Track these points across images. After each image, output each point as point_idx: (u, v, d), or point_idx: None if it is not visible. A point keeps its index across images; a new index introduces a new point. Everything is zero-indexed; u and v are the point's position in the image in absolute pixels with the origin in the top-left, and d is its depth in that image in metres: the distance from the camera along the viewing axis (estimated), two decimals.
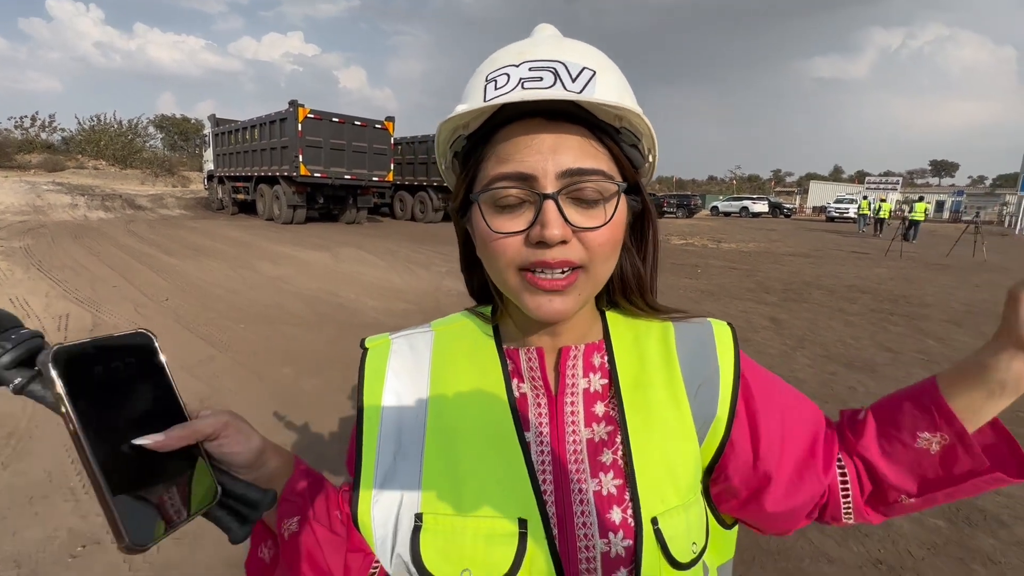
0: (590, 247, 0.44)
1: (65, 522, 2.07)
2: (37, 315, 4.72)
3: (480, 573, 0.44)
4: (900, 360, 4.45)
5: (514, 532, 0.45)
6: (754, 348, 4.69)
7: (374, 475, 0.49)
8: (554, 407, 0.51)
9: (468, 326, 0.57)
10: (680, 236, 16.97)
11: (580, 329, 0.53)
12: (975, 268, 10.85)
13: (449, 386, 0.52)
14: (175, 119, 43.92)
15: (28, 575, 1.79)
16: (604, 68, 0.45)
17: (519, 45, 0.46)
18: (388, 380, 0.53)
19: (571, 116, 0.44)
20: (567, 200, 0.43)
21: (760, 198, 37.53)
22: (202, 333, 4.45)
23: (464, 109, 0.44)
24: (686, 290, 7.29)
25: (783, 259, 11.57)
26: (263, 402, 3.21)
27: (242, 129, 15.46)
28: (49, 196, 15.93)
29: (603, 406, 0.51)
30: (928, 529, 2.23)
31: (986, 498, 2.46)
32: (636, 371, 0.52)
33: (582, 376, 0.52)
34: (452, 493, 0.47)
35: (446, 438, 0.49)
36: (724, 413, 0.50)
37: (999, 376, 0.43)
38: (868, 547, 2.11)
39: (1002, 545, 2.14)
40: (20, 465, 2.44)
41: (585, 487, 0.48)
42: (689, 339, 0.54)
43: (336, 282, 6.87)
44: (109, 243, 9.53)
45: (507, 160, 0.44)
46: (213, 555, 1.94)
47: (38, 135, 29.83)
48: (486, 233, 0.45)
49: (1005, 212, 32.76)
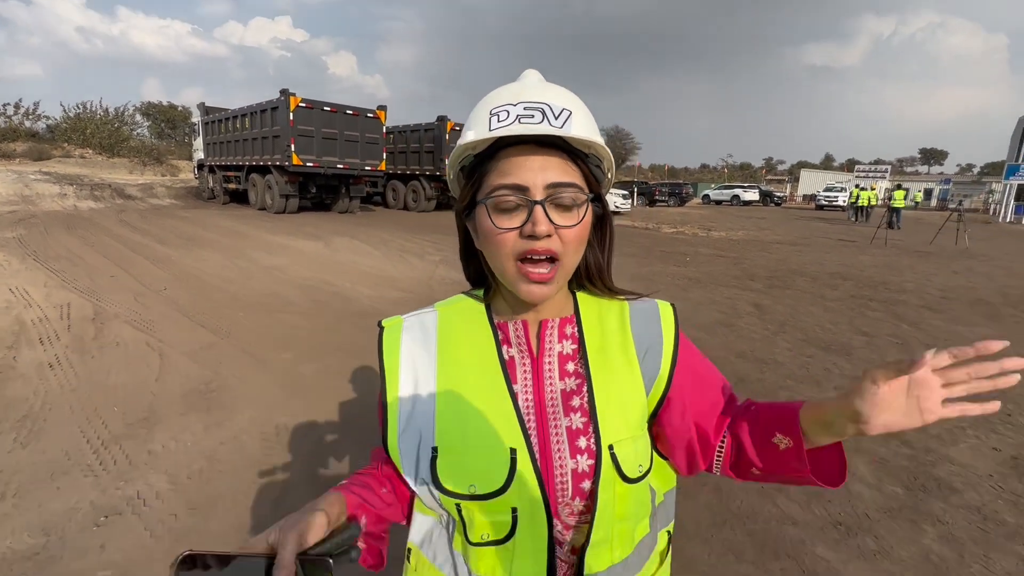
0: (565, 241, 0.59)
1: (86, 496, 2.21)
2: (39, 304, 4.81)
3: (483, 487, 0.59)
4: (874, 343, 4.67)
5: (507, 458, 0.60)
6: (737, 333, 4.88)
7: (399, 420, 0.64)
8: (536, 366, 0.66)
9: (466, 305, 0.71)
10: (671, 225, 17.15)
11: (556, 306, 0.68)
12: (956, 256, 11.13)
13: (453, 352, 0.66)
14: (162, 106, 43.13)
15: (56, 542, 1.94)
16: (577, 109, 0.60)
17: (514, 87, 0.62)
18: (403, 349, 0.67)
19: (553, 144, 0.60)
20: (551, 205, 0.58)
21: (751, 186, 37.78)
22: (202, 321, 4.57)
23: (474, 137, 0.60)
24: (674, 278, 7.47)
25: (770, 247, 11.79)
26: (266, 386, 3.35)
27: (233, 118, 15.35)
28: (37, 186, 15.78)
29: (573, 365, 0.67)
30: (887, 495, 2.43)
31: (943, 468, 2.67)
32: (599, 339, 0.68)
33: (557, 342, 0.67)
34: (459, 431, 0.62)
35: (452, 391, 0.64)
36: (665, 372, 0.67)
37: (835, 429, 0.58)
38: (830, 511, 2.31)
39: (951, 508, 2.34)
40: (38, 445, 2.57)
41: (559, 423, 0.63)
42: (640, 315, 0.70)
43: (331, 271, 6.98)
44: (102, 233, 9.54)
45: (507, 174, 0.59)
46: (224, 522, 2.10)
47: (22, 123, 29.26)
48: (490, 228, 0.59)
49: (991, 200, 33.23)
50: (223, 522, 2.10)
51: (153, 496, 2.23)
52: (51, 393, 3.12)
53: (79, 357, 3.67)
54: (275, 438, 2.75)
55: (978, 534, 2.17)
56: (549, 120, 0.58)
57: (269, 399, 3.17)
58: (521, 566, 0.61)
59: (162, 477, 2.37)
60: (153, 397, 3.12)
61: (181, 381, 3.35)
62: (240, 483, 2.35)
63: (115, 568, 1.83)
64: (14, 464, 2.40)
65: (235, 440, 2.71)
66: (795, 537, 2.12)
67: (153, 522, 2.07)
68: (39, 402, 2.99)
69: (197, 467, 2.46)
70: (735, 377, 3.78)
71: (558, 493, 0.62)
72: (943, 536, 2.15)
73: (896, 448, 2.86)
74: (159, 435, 2.71)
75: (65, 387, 3.20)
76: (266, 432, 2.80)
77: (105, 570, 1.81)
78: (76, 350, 3.79)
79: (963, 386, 0.51)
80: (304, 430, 2.84)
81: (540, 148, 0.59)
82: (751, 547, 2.06)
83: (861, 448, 2.84)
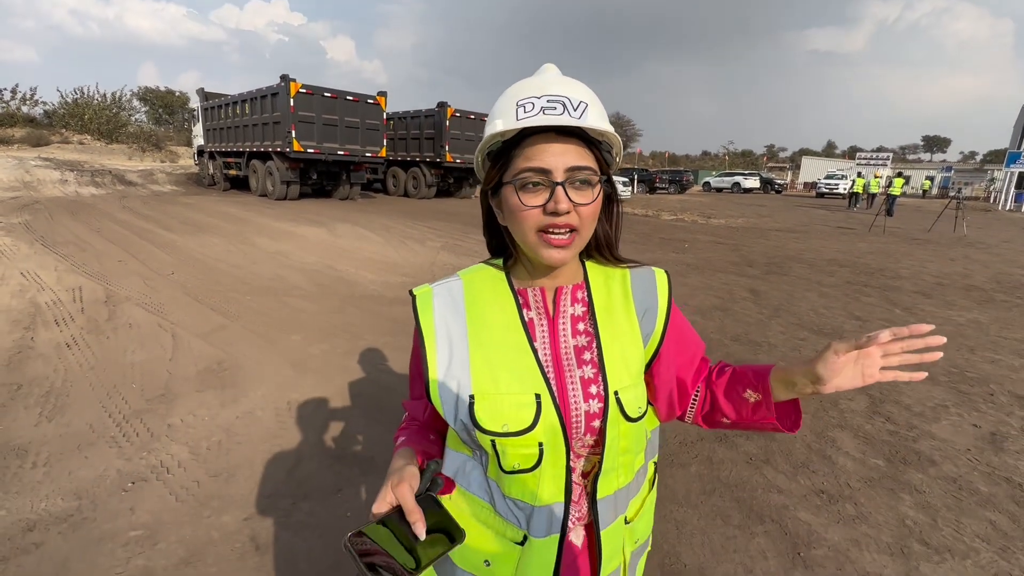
0: (582, 216, 0.69)
1: (113, 464, 2.34)
2: (51, 288, 4.92)
3: (514, 425, 0.71)
4: (867, 327, 4.79)
5: (532, 401, 0.71)
6: (733, 317, 5.00)
7: (437, 371, 0.75)
8: (552, 326, 0.77)
9: (488, 273, 0.81)
10: (671, 212, 17.19)
11: (569, 275, 0.78)
12: (953, 243, 11.22)
13: (480, 314, 0.76)
14: (159, 92, 42.73)
15: (88, 505, 2.07)
16: (592, 102, 0.69)
17: (537, 80, 0.72)
18: (436, 312, 0.78)
19: (572, 132, 0.69)
20: (569, 186, 0.67)
21: (752, 174, 37.65)
22: (211, 304, 4.69)
23: (503, 127, 0.69)
24: (672, 264, 7.58)
25: (769, 234, 11.87)
26: (276, 365, 3.47)
27: (232, 104, 15.30)
28: (38, 172, 15.80)
29: (584, 324, 0.77)
30: (868, 467, 2.57)
31: (924, 443, 2.80)
32: (605, 302, 0.79)
33: (570, 305, 0.78)
34: (491, 380, 0.72)
35: (483, 347, 0.75)
36: (659, 331, 0.79)
37: (798, 387, 0.73)
38: (814, 481, 2.44)
39: (929, 479, 2.48)
40: (63, 419, 2.70)
41: (574, 373, 0.75)
42: (640, 281, 0.82)
43: (334, 257, 7.08)
44: (107, 219, 9.62)
45: (532, 158, 0.68)
46: (245, 488, 2.23)
47: (19, 108, 29.10)
48: (517, 205, 0.68)
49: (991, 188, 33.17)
50: (243, 488, 2.23)
51: (176, 465, 2.37)
52: (70, 371, 3.24)
53: (94, 337, 3.79)
54: (288, 413, 2.88)
55: (952, 502, 2.31)
56: (569, 112, 0.66)
57: (280, 377, 3.30)
58: (545, 488, 0.73)
59: (183, 448, 2.50)
60: (169, 375, 3.25)
61: (195, 360, 3.47)
62: (257, 453, 2.49)
63: (145, 529, 1.96)
64: (41, 436, 2.54)
65: (250, 415, 2.84)
66: (779, 503, 2.26)
67: (177, 488, 2.21)
68: (60, 379, 3.12)
69: (216, 439, 2.59)
70: (730, 359, 3.90)
71: (574, 429, 0.74)
72: (919, 504, 2.29)
73: (881, 424, 2.99)
74: (177, 410, 2.84)
75: (84, 365, 3.33)
76: (279, 407, 2.93)
77: (136, 530, 1.95)
78: (91, 331, 3.91)
79: (897, 357, 0.67)
80: (315, 405, 2.97)
81: (561, 136, 0.68)
82: (738, 512, 2.20)
83: (847, 424, 2.98)
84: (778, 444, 2.75)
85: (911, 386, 3.52)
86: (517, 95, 0.70)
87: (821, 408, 3.15)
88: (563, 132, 0.69)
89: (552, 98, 0.68)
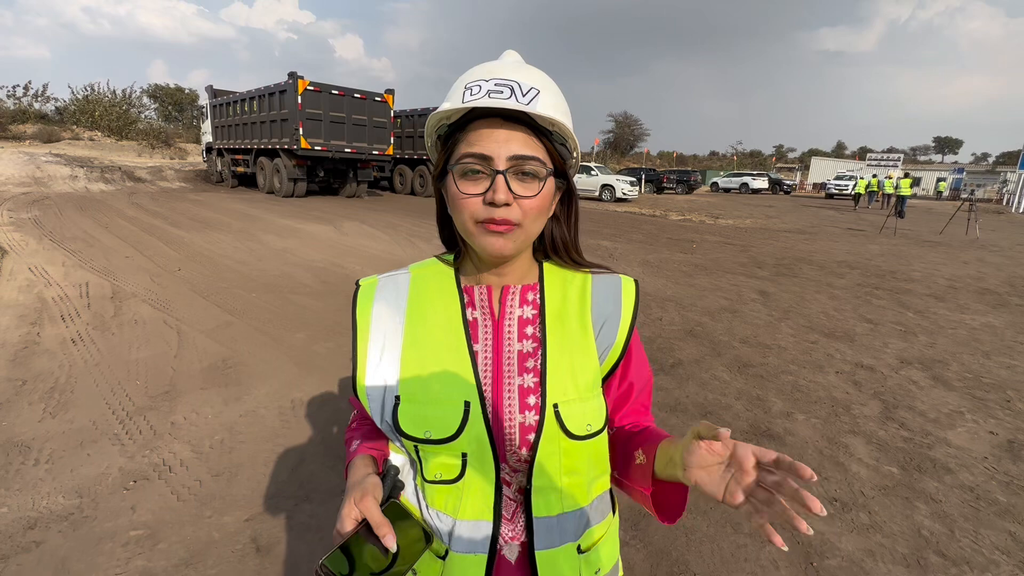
0: (525, 210, 0.63)
1: (115, 462, 2.33)
2: (58, 283, 4.94)
3: (437, 433, 0.66)
4: (878, 331, 4.71)
5: (460, 409, 0.66)
6: (741, 319, 4.94)
7: (367, 368, 0.71)
8: (496, 328, 0.71)
9: (437, 268, 0.77)
10: (678, 212, 17.08)
11: (519, 273, 0.73)
12: (966, 245, 11.05)
13: (421, 312, 0.72)
14: (169, 89, 43.04)
15: (90, 503, 2.06)
16: (546, 89, 0.64)
17: (491, 65, 0.67)
18: (375, 307, 0.73)
19: (519, 119, 0.63)
20: (512, 176, 0.62)
21: (760, 174, 37.34)
22: (217, 301, 4.68)
23: (448, 107, 0.65)
24: (680, 264, 7.51)
25: (778, 235, 11.75)
26: (281, 363, 3.45)
27: (241, 101, 15.34)
28: (48, 168, 15.93)
29: (532, 328, 0.72)
30: (882, 475, 2.51)
31: (939, 450, 2.74)
32: (559, 307, 0.73)
33: (518, 307, 0.72)
34: (420, 382, 0.67)
35: (417, 346, 0.69)
36: (621, 341, 0.73)
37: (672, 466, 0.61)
38: (826, 488, 2.39)
39: (945, 488, 2.42)
40: (66, 415, 2.69)
41: (512, 381, 0.69)
42: (602, 288, 0.75)
43: (341, 254, 7.07)
44: (115, 215, 9.67)
45: (474, 144, 0.63)
46: (247, 487, 2.21)
47: (31, 105, 29.40)
48: (456, 193, 0.64)
49: (1004, 190, 32.73)
50: (245, 488, 2.21)
51: (178, 463, 2.35)
52: (75, 367, 3.24)
53: (100, 334, 3.79)
54: (291, 412, 2.86)
55: (969, 512, 2.25)
56: (517, 96, 0.61)
57: (285, 375, 3.28)
58: (470, 503, 0.68)
59: (186, 446, 2.48)
60: (173, 372, 3.24)
61: (199, 357, 3.46)
62: (259, 452, 2.47)
63: (146, 528, 1.94)
64: (45, 433, 2.53)
65: (253, 413, 2.82)
66: None
67: (179, 487, 2.19)
68: (64, 375, 3.11)
69: (218, 438, 2.57)
70: (738, 362, 3.85)
71: (507, 442, 0.68)
72: (935, 513, 2.23)
73: (894, 430, 2.93)
74: (181, 408, 2.83)
75: (88, 362, 3.32)
76: (283, 406, 2.91)
77: (137, 530, 1.93)
78: (97, 327, 3.91)
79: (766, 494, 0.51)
80: (319, 404, 2.95)
81: (506, 122, 0.63)
82: (748, 520, 2.15)
83: (860, 429, 2.91)
84: (789, 450, 2.69)
85: (925, 391, 3.45)
86: (468, 77, 0.66)
87: (833, 413, 3.09)
88: (511, 119, 0.63)
89: (501, 81, 0.62)
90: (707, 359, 3.88)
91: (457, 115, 0.66)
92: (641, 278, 6.44)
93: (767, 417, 3.02)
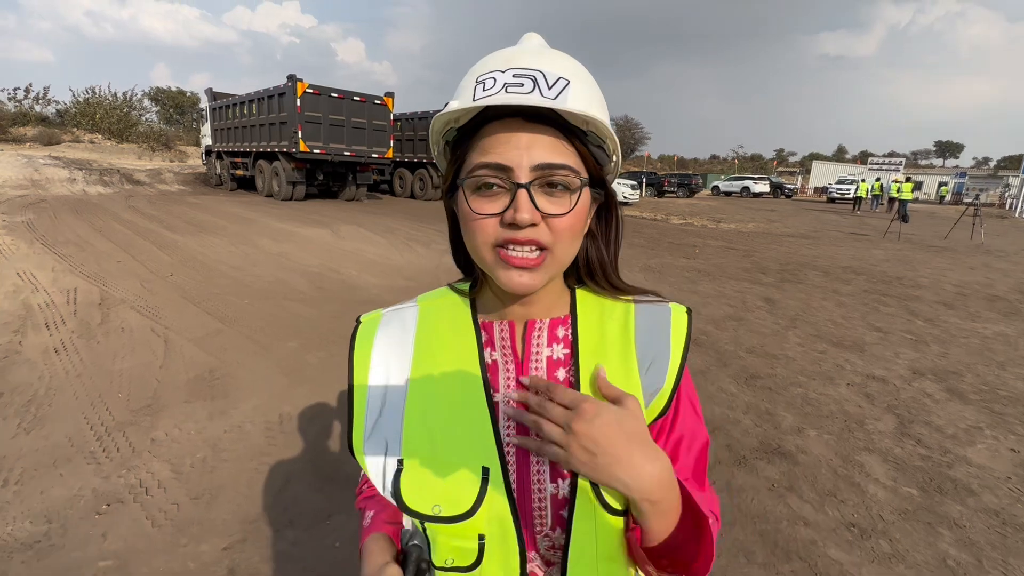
0: (555, 231, 0.51)
1: (89, 483, 2.20)
2: (46, 289, 4.81)
3: (448, 508, 0.53)
4: (888, 340, 4.57)
5: (476, 476, 0.53)
6: (747, 327, 4.80)
7: (364, 424, 0.58)
8: (520, 372, 0.58)
9: (449, 300, 0.64)
10: (679, 216, 16.97)
11: (546, 304, 0.60)
12: (971, 251, 10.92)
13: (430, 354, 0.59)
14: (170, 92, 43.11)
15: (59, 529, 1.92)
16: (578, 78, 0.51)
17: (507, 52, 0.53)
18: (376, 348, 0.60)
19: (545, 118, 0.50)
20: (538, 189, 0.50)
21: (761, 178, 37.25)
22: (208, 308, 4.55)
23: (456, 106, 0.52)
24: (683, 270, 7.38)
25: (781, 240, 11.62)
26: (270, 374, 3.32)
27: (240, 104, 15.26)
28: (47, 170, 15.83)
29: (564, 372, 0.58)
30: (901, 497, 2.37)
31: (960, 469, 2.60)
32: (596, 343, 0.59)
33: (547, 345, 0.59)
34: (427, 443, 0.55)
35: (425, 398, 0.57)
36: (669, 386, 0.58)
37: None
38: (843, 512, 2.25)
39: (969, 511, 2.28)
40: (42, 431, 2.56)
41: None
42: (647, 320, 0.61)
43: (337, 259, 6.95)
44: (111, 218, 9.56)
45: (489, 152, 0.50)
46: (226, 512, 2.08)
47: (32, 108, 29.37)
48: (468, 213, 0.52)
49: (1007, 195, 32.56)
50: (225, 511, 2.08)
51: (155, 485, 2.21)
52: (56, 378, 3.11)
53: (85, 342, 3.66)
54: (279, 427, 2.73)
55: (996, 538, 2.11)
56: (541, 89, 0.48)
57: (274, 387, 3.15)
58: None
59: (165, 465, 2.35)
60: (158, 384, 3.11)
61: (186, 368, 3.33)
62: (243, 472, 2.33)
63: (116, 559, 1.81)
64: (17, 450, 2.40)
65: (239, 429, 2.69)
66: (807, 538, 2.07)
67: (155, 511, 2.05)
68: (43, 387, 2.98)
69: (200, 456, 2.44)
70: (745, 373, 3.71)
71: (535, 521, 0.55)
72: (960, 540, 2.09)
73: (911, 447, 2.79)
74: (163, 423, 2.70)
75: (70, 372, 3.19)
76: (270, 421, 2.78)
77: (106, 560, 1.80)
78: (82, 335, 3.78)
79: None
80: (308, 418, 2.82)
81: (528, 123, 0.50)
82: (762, 548, 2.02)
83: (875, 447, 2.78)
84: (802, 469, 2.56)
85: (942, 406, 3.31)
86: (480, 69, 0.52)
87: (846, 429, 2.95)
88: (534, 118, 0.50)
89: (520, 72, 0.49)
90: (713, 370, 3.75)
91: (467, 116, 0.53)
92: (643, 284, 6.31)
93: (777, 433, 2.88)
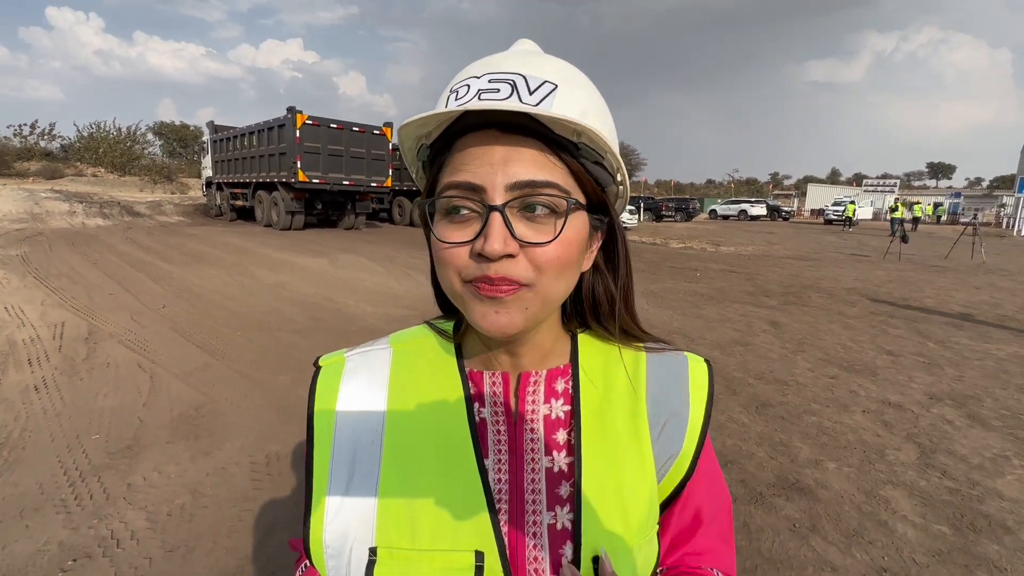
0: (538, 264, 0.41)
1: (56, 535, 2.03)
2: (32, 324, 4.69)
3: None
4: (900, 363, 4.43)
5: (471, 565, 0.43)
6: (754, 352, 4.66)
7: (325, 502, 0.47)
8: (513, 433, 0.49)
9: (429, 343, 0.53)
10: (679, 240, 16.97)
11: (541, 351, 0.50)
12: (973, 270, 10.85)
13: (407, 409, 0.49)
14: (174, 126, 44.03)
15: None
16: (569, 83, 0.42)
17: (489, 58, 0.45)
18: (341, 401, 0.50)
19: (526, 129, 0.41)
20: (516, 214, 0.41)
21: (758, 201, 37.57)
22: (198, 341, 4.42)
23: (419, 117, 0.42)
24: (685, 294, 7.27)
25: (782, 262, 11.56)
26: (259, 410, 3.17)
27: (240, 136, 15.46)
28: (47, 203, 15.91)
29: (565, 434, 0.49)
30: (932, 536, 2.20)
31: (991, 503, 2.43)
32: (600, 400, 0.50)
33: (543, 402, 0.50)
34: (408, 525, 0.45)
35: (403, 465, 0.47)
36: (690, 450, 0.49)
37: None
38: (872, 555, 2.08)
39: (1007, 551, 2.11)
40: (11, 477, 2.40)
41: (540, 519, 0.46)
42: (661, 372, 0.52)
43: (334, 288, 6.85)
44: (107, 250, 9.51)
45: (459, 170, 0.42)
46: (203, 566, 1.91)
47: (37, 143, 29.84)
48: (435, 242, 0.43)
49: (1003, 214, 32.78)
50: (202, 566, 1.91)
51: (128, 536, 2.05)
52: (33, 419, 2.96)
53: (67, 379, 3.52)
54: (265, 468, 2.57)
55: None
56: (520, 95, 0.40)
57: (262, 425, 2.99)
58: None
59: (140, 514, 2.18)
60: (139, 423, 2.95)
61: (170, 405, 3.18)
62: (223, 520, 2.17)
63: None
64: None
65: (222, 471, 2.53)
66: None
67: (125, 567, 1.89)
68: (19, 429, 2.83)
69: (179, 502, 2.27)
70: (756, 401, 3.56)
71: None
72: None
73: (937, 480, 2.63)
74: (141, 466, 2.54)
75: (49, 412, 3.04)
76: (256, 462, 2.62)
77: None
78: (65, 372, 3.64)
79: None
80: (296, 459, 2.66)
81: (505, 134, 0.41)
82: None
83: (899, 480, 2.61)
84: (823, 506, 2.39)
85: (964, 433, 3.15)
86: (457, 78, 0.44)
87: (866, 460, 2.79)
88: (513, 129, 0.41)
89: (498, 76, 0.41)
90: (722, 399, 3.59)
91: (439, 130, 0.44)
92: (645, 309, 6.19)
93: (794, 467, 2.72)
